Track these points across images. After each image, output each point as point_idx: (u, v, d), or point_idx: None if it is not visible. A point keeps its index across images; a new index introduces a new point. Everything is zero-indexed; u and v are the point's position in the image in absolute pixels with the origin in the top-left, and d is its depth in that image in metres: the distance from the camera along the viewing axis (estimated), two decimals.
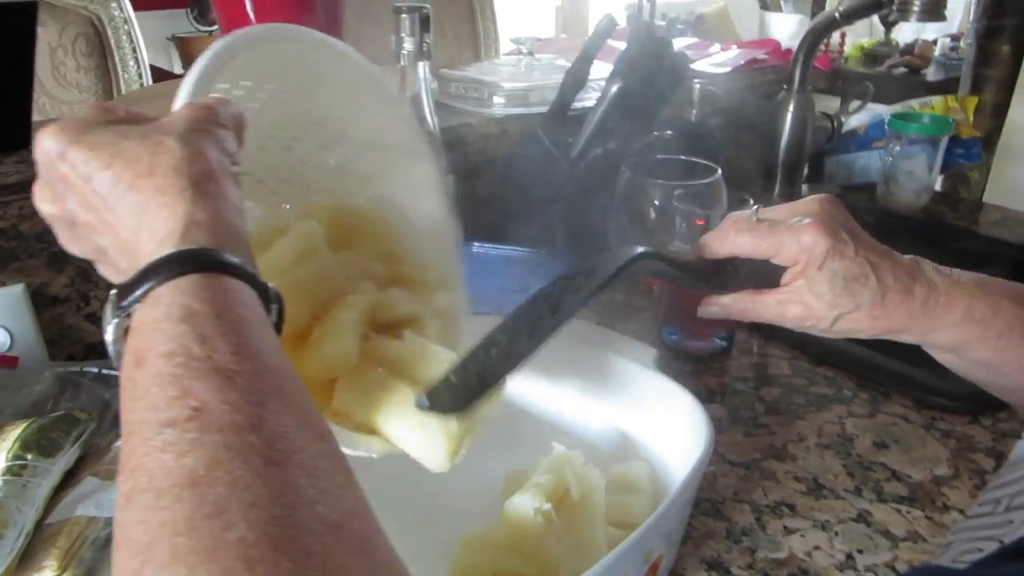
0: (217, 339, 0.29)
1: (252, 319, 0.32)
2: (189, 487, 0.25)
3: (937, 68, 2.97)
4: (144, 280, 0.31)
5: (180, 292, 0.31)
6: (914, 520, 0.58)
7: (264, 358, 0.30)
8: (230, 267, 0.33)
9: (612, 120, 0.78)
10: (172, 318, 0.30)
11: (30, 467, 0.54)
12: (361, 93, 0.54)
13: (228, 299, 0.31)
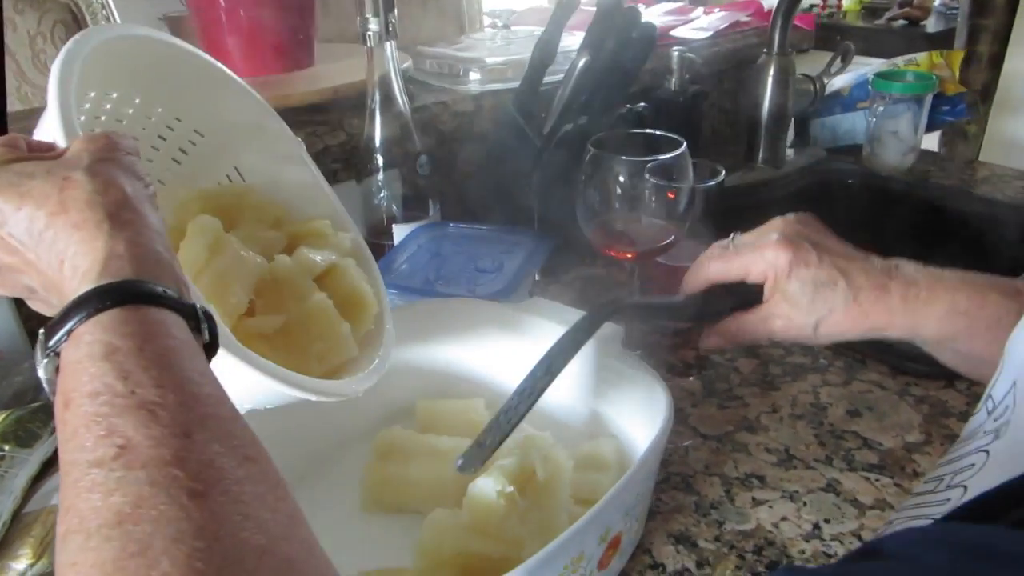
0: (139, 373, 0.29)
1: (176, 347, 0.32)
2: (116, 526, 0.25)
3: (937, 19, 2.92)
4: (67, 319, 0.31)
5: (101, 329, 0.31)
6: (882, 488, 0.59)
7: (188, 387, 0.30)
8: (151, 296, 0.32)
9: (582, 95, 0.78)
10: (94, 356, 0.30)
11: (7, 458, 0.55)
12: (199, 80, 0.55)
13: (150, 331, 0.31)
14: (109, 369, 0.29)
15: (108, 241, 0.33)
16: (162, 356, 0.30)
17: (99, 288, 0.32)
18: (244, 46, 0.90)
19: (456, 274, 0.75)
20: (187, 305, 0.34)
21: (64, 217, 0.34)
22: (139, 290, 0.32)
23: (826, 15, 3.06)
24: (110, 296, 0.31)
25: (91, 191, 0.35)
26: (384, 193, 0.83)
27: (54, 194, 0.35)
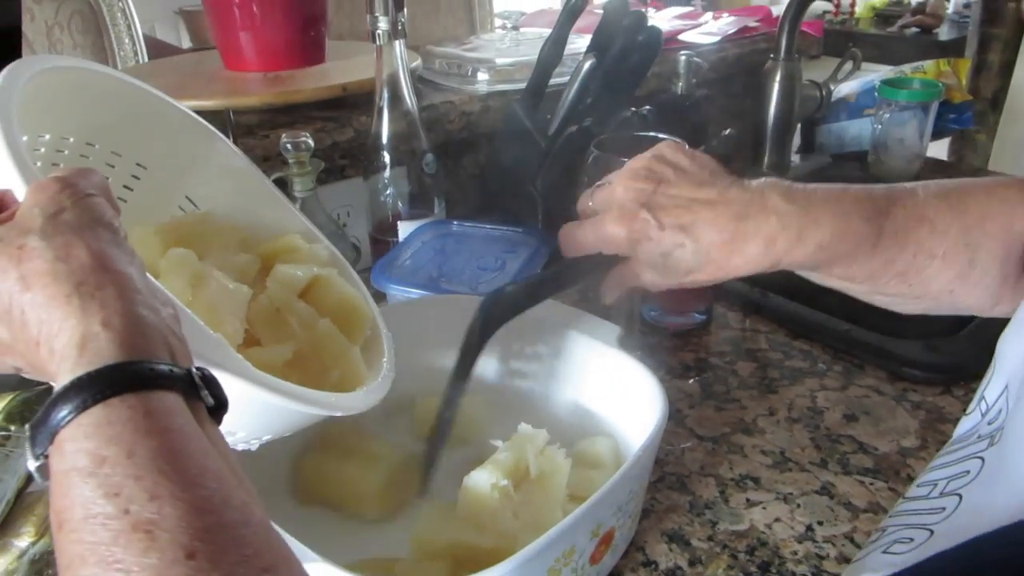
0: (131, 486, 0.27)
1: (169, 440, 0.28)
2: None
3: (950, 27, 2.91)
4: (47, 420, 0.29)
5: (83, 435, 0.28)
6: (876, 491, 0.59)
7: (188, 493, 0.27)
8: (135, 381, 0.29)
9: (587, 97, 0.78)
10: (80, 471, 0.27)
11: (13, 438, 0.56)
12: (133, 109, 0.52)
13: (139, 428, 0.28)
14: (97, 486, 0.27)
15: (81, 318, 0.30)
16: (156, 459, 0.27)
17: (77, 381, 0.29)
18: (256, 41, 0.92)
19: (459, 272, 0.76)
20: (181, 377, 0.31)
21: (29, 296, 0.31)
22: (122, 377, 0.29)
23: (838, 21, 3.06)
24: (90, 391, 0.28)
25: (51, 259, 0.31)
26: (390, 190, 0.83)
27: (11, 269, 0.31)
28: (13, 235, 0.32)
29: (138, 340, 0.30)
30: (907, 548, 0.37)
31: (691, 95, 1.03)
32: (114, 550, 0.25)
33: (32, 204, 0.33)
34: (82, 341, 0.30)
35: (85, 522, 0.26)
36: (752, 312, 0.84)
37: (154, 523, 0.26)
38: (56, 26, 1.30)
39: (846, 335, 0.76)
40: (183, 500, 0.27)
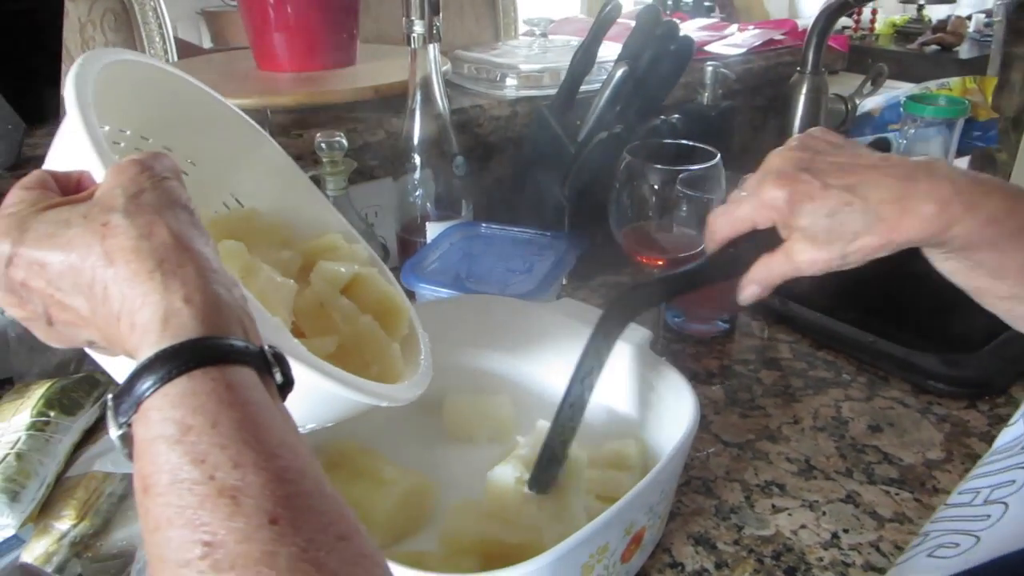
0: (216, 454, 0.28)
1: (251, 414, 0.29)
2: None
3: (971, 45, 2.91)
4: (132, 389, 0.30)
5: (169, 404, 0.29)
6: (902, 502, 0.59)
7: (270, 463, 0.28)
8: (217, 355, 0.30)
9: (618, 104, 0.79)
10: (167, 438, 0.28)
11: (52, 423, 0.57)
12: (187, 106, 0.53)
13: (221, 399, 0.29)
14: (183, 453, 0.28)
15: (164, 294, 0.31)
16: (238, 429, 0.29)
17: (161, 353, 0.30)
18: (290, 42, 0.93)
19: (486, 273, 0.77)
20: (256, 353, 0.32)
21: (112, 270, 0.32)
22: (204, 351, 0.30)
23: (858, 37, 3.06)
24: (174, 363, 0.29)
25: (135, 237, 0.32)
26: (419, 191, 0.84)
27: (96, 244, 0.32)
28: (96, 212, 0.33)
29: (216, 317, 0.31)
30: (953, 553, 0.38)
31: (717, 105, 1.04)
32: (200, 513, 0.26)
33: (113, 184, 0.34)
34: (165, 316, 0.30)
35: (172, 487, 0.27)
36: (775, 321, 0.84)
37: (239, 489, 0.27)
38: (89, 23, 1.31)
39: (871, 347, 0.76)
40: (265, 469, 0.28)
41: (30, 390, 0.60)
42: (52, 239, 0.33)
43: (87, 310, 0.33)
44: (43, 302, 0.34)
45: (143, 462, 0.28)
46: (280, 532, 0.26)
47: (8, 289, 0.35)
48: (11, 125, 0.71)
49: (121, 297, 0.32)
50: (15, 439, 0.55)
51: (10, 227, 0.34)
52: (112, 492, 0.54)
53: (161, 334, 0.30)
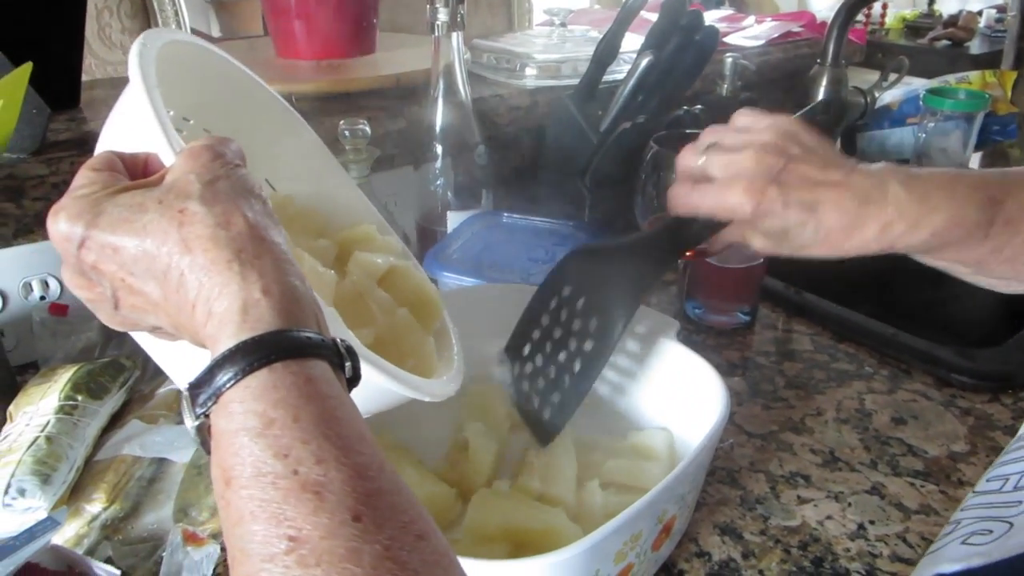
0: (299, 448, 0.28)
1: (330, 409, 0.30)
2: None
3: (982, 41, 2.89)
4: (211, 380, 0.30)
5: (251, 396, 0.29)
6: (928, 494, 0.59)
7: (350, 458, 0.28)
8: (297, 347, 0.30)
9: (641, 94, 0.79)
10: (249, 431, 0.28)
11: (80, 407, 0.57)
12: (227, 87, 0.52)
13: (302, 393, 0.29)
14: (267, 446, 0.28)
15: (242, 284, 0.31)
16: (319, 424, 0.29)
17: (242, 345, 0.30)
18: (310, 30, 0.93)
19: (508, 263, 0.77)
20: (330, 346, 0.32)
21: (189, 258, 0.32)
22: (284, 343, 0.30)
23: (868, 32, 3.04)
24: (255, 355, 0.29)
25: (212, 225, 0.32)
26: (440, 180, 0.84)
27: (173, 231, 0.32)
28: (172, 198, 0.33)
29: (294, 309, 0.31)
30: (987, 539, 0.38)
31: (736, 97, 1.04)
32: (285, 508, 0.26)
33: (187, 170, 0.34)
34: (244, 307, 0.30)
35: (255, 480, 0.27)
36: (796, 314, 0.84)
37: (322, 485, 0.27)
38: (106, 9, 1.31)
39: (893, 339, 0.76)
40: (347, 465, 0.28)
41: (56, 374, 0.61)
42: (127, 224, 0.33)
43: (158, 296, 0.33)
44: (112, 285, 0.34)
45: (224, 453, 0.28)
46: (364, 529, 0.26)
47: (78, 271, 0.35)
48: (35, 109, 0.71)
49: (198, 285, 0.31)
50: (44, 422, 0.55)
51: (83, 209, 0.33)
52: (141, 476, 0.54)
53: (241, 325, 0.30)
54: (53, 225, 0.34)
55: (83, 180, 0.35)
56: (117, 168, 0.36)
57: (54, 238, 0.34)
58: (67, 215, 0.33)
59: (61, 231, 0.33)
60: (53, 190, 0.72)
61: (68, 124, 0.82)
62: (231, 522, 0.27)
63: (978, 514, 0.41)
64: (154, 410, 0.60)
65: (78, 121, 0.84)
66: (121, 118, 0.41)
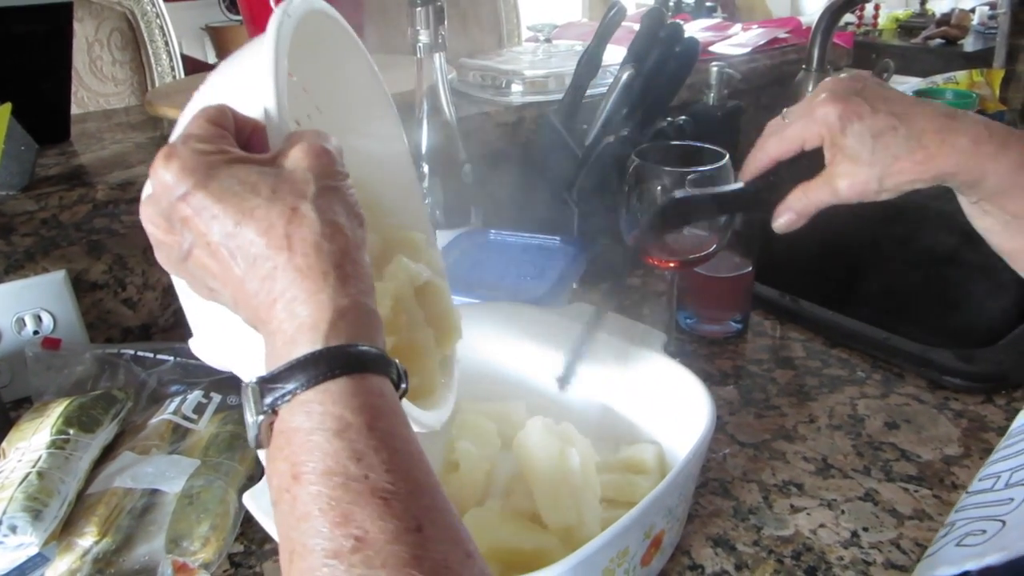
0: (371, 455, 0.29)
1: (398, 424, 0.31)
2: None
3: (975, 38, 2.90)
4: (290, 378, 0.31)
5: (331, 400, 0.30)
6: (921, 499, 0.59)
7: (414, 473, 0.30)
8: (374, 364, 0.32)
9: (624, 107, 0.79)
10: (326, 431, 0.29)
11: (72, 441, 0.57)
12: (337, 51, 0.51)
13: (376, 405, 0.31)
14: (342, 448, 0.29)
15: (334, 296, 0.32)
16: (389, 435, 0.30)
17: (328, 352, 0.31)
18: None
19: (498, 280, 0.77)
20: (396, 367, 0.34)
21: (287, 255, 0.33)
22: (366, 358, 0.32)
23: (862, 33, 3.05)
24: (339, 363, 0.31)
25: (319, 233, 0.33)
26: (428, 200, 0.85)
27: (279, 225, 0.33)
28: (286, 192, 0.34)
29: (369, 327, 0.33)
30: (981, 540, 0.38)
31: (723, 105, 1.04)
32: (353, 509, 0.27)
33: (305, 166, 0.35)
34: (332, 320, 0.32)
35: (326, 477, 0.28)
36: (788, 320, 0.84)
37: (391, 492, 0.28)
38: (96, 42, 1.33)
39: (885, 343, 0.76)
40: (411, 478, 0.29)
41: (49, 408, 0.61)
42: (236, 198, 0.33)
43: (239, 273, 0.33)
44: (194, 242, 0.34)
45: (296, 449, 0.29)
46: (424, 539, 0.28)
47: (165, 215, 0.35)
48: (24, 146, 0.72)
49: (288, 284, 0.32)
50: (36, 458, 0.55)
51: (198, 166, 0.34)
52: (133, 508, 0.54)
53: (326, 333, 0.31)
54: (164, 170, 0.34)
55: (200, 130, 0.35)
56: (228, 126, 0.37)
57: (159, 180, 0.34)
58: (181, 166, 0.33)
59: (168, 179, 0.34)
60: (43, 226, 0.73)
61: (58, 159, 0.83)
62: (295, 516, 0.28)
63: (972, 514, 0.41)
64: (146, 441, 0.60)
65: (68, 155, 0.85)
66: (239, 76, 0.40)
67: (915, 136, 0.48)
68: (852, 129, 0.49)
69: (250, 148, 0.37)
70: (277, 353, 0.32)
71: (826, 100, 0.50)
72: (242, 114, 0.38)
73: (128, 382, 0.69)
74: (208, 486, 0.56)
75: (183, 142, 0.35)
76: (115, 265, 0.79)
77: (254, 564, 0.55)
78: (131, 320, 0.82)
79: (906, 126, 0.48)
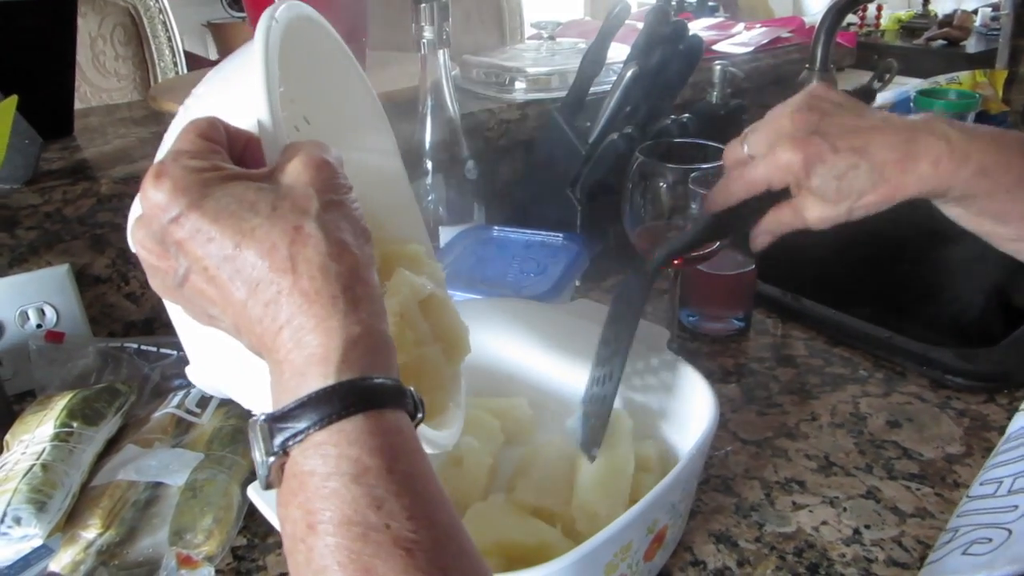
0: (392, 501, 0.27)
1: (418, 464, 0.29)
2: None
3: (978, 40, 2.90)
4: (301, 416, 0.29)
5: (347, 442, 0.28)
6: (923, 497, 0.59)
7: (437, 517, 0.28)
8: (391, 398, 0.30)
9: (628, 104, 0.79)
10: (343, 475, 0.27)
11: (76, 434, 0.58)
12: (325, 62, 0.49)
13: (394, 444, 0.29)
14: (361, 495, 0.27)
15: (344, 323, 0.30)
16: (409, 478, 0.28)
17: (340, 387, 0.29)
18: None
19: (500, 276, 0.77)
20: (412, 397, 0.32)
21: (291, 279, 0.30)
22: (380, 391, 0.30)
23: (864, 33, 3.05)
24: (353, 400, 0.29)
25: (325, 254, 0.31)
26: (431, 196, 0.85)
27: (282, 246, 0.30)
28: (287, 210, 0.31)
29: (385, 356, 0.31)
30: (987, 548, 0.38)
31: (726, 104, 1.04)
32: (376, 562, 0.26)
33: (306, 182, 0.32)
34: (344, 350, 0.29)
35: (345, 528, 0.26)
36: (790, 319, 0.84)
37: (414, 543, 0.26)
38: (99, 37, 1.33)
39: (887, 342, 0.76)
40: (435, 524, 0.27)
41: (52, 401, 0.61)
42: (233, 219, 0.31)
43: (241, 298, 0.31)
44: (189, 267, 0.32)
45: (309, 496, 0.28)
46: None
47: (157, 239, 0.33)
48: (28, 140, 0.72)
49: (294, 310, 0.30)
50: (40, 450, 0.55)
51: (191, 185, 0.31)
52: (137, 500, 0.54)
53: (338, 366, 0.29)
54: (155, 190, 0.31)
55: (191, 146, 0.33)
56: (220, 140, 0.34)
57: (149, 201, 0.32)
58: (173, 185, 0.31)
59: (159, 200, 0.31)
60: (46, 219, 0.73)
61: (61, 153, 0.83)
62: (312, 570, 0.27)
63: (975, 521, 0.41)
64: (149, 434, 0.60)
65: (71, 150, 0.85)
66: (228, 87, 0.38)
67: (877, 170, 0.49)
68: (816, 173, 0.50)
69: (244, 163, 0.35)
70: (285, 385, 0.30)
71: (787, 146, 0.50)
72: (234, 127, 0.36)
73: (131, 376, 0.69)
74: (211, 479, 0.56)
75: (173, 159, 0.32)
76: (118, 259, 0.79)
77: (257, 557, 0.55)
78: (134, 314, 0.82)
79: (867, 160, 0.49)
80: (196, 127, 0.34)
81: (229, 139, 0.35)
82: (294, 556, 0.28)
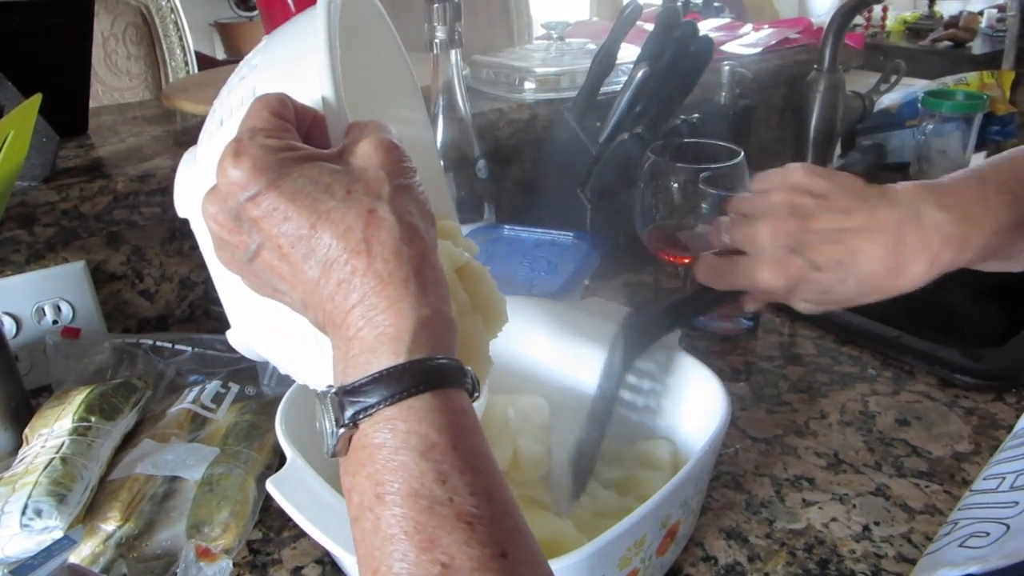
0: (456, 477, 0.28)
1: (478, 441, 0.30)
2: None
3: (983, 41, 2.90)
4: (372, 391, 0.30)
5: (416, 418, 0.29)
6: (932, 494, 0.59)
7: (497, 494, 0.29)
8: (455, 378, 0.31)
9: (639, 105, 0.80)
10: (411, 450, 0.28)
11: (94, 428, 0.58)
12: (368, 30, 0.49)
13: (459, 423, 0.30)
14: (428, 469, 0.28)
15: (415, 305, 0.31)
16: (472, 455, 0.29)
17: (410, 366, 0.30)
18: None
19: (511, 275, 0.78)
20: (472, 377, 0.33)
21: (366, 260, 0.31)
22: (446, 371, 0.31)
23: (870, 35, 3.05)
24: (422, 379, 0.30)
25: (397, 238, 0.32)
26: None
27: (357, 229, 0.31)
28: (361, 193, 0.32)
29: (451, 338, 0.32)
30: (984, 542, 0.38)
31: (734, 105, 1.04)
32: (440, 534, 0.27)
33: (377, 165, 0.33)
34: (415, 331, 0.30)
35: (411, 499, 0.28)
36: (799, 318, 0.84)
37: (475, 517, 0.27)
38: (112, 37, 1.34)
39: (896, 342, 0.77)
40: (495, 500, 0.28)
41: (70, 396, 0.62)
42: (310, 199, 0.32)
43: (313, 276, 0.32)
44: (262, 243, 0.33)
45: (377, 467, 0.29)
46: (509, 566, 0.27)
47: (232, 214, 0.33)
48: (45, 138, 0.73)
49: (367, 290, 0.31)
50: (59, 444, 0.56)
51: (269, 165, 0.32)
52: (154, 494, 0.55)
53: (409, 346, 0.30)
54: (234, 168, 0.32)
55: (265, 123, 0.33)
56: (290, 117, 0.35)
57: (228, 178, 0.32)
58: (252, 164, 0.32)
59: (238, 178, 0.32)
60: (63, 216, 0.73)
61: (77, 151, 0.84)
62: (379, 537, 0.28)
63: (976, 515, 0.41)
64: (165, 429, 0.61)
65: (86, 147, 0.86)
66: (288, 62, 0.38)
67: (865, 281, 0.48)
68: (799, 291, 0.50)
69: (309, 141, 0.35)
70: (353, 361, 0.31)
71: (767, 268, 0.50)
72: (300, 104, 0.36)
73: (146, 372, 0.70)
74: (228, 474, 0.56)
75: (250, 137, 0.33)
76: (133, 256, 0.80)
77: (272, 551, 0.56)
78: (148, 311, 0.82)
79: (854, 275, 0.48)
80: (267, 104, 0.34)
81: (296, 116, 0.35)
82: (360, 524, 0.29)
